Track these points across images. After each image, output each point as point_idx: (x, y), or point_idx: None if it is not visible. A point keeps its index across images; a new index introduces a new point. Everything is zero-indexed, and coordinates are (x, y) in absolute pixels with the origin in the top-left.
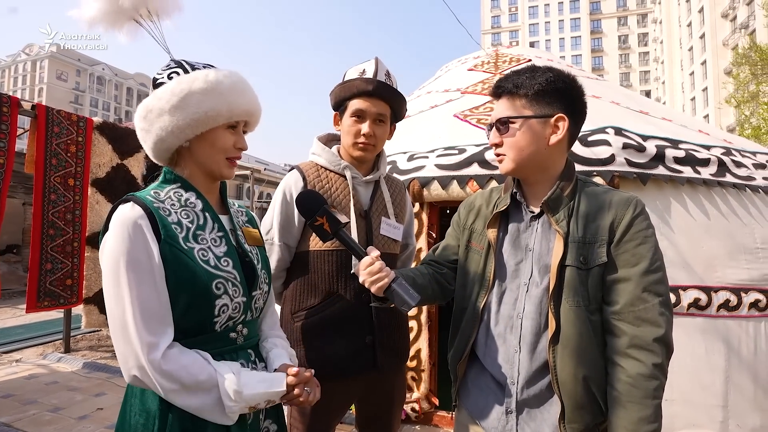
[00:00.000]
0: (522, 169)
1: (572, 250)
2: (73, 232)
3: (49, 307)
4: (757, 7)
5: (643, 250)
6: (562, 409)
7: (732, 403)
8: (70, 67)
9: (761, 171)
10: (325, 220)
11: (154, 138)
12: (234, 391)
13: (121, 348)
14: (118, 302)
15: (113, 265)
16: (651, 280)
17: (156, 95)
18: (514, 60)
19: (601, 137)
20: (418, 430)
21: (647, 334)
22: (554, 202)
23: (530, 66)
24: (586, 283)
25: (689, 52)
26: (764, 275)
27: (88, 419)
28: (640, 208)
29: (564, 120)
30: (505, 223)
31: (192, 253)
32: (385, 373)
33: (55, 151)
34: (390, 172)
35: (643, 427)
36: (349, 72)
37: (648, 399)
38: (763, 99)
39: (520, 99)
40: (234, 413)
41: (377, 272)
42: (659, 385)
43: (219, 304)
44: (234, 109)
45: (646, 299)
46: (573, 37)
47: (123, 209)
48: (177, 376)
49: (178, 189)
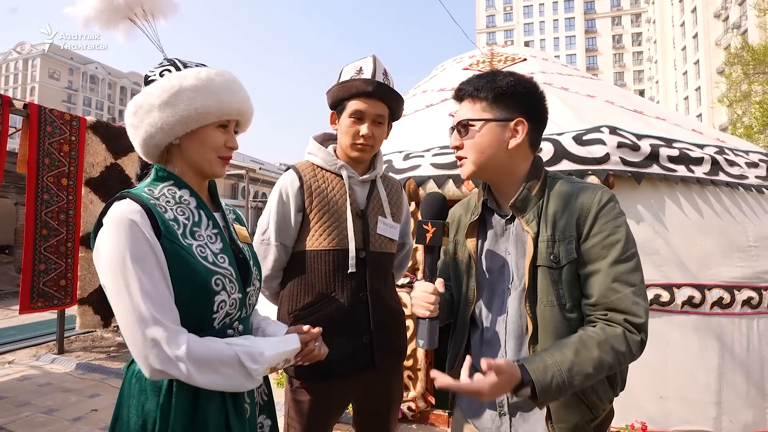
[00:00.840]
0: (483, 172)
1: (542, 249)
2: (66, 232)
3: (42, 308)
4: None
5: (611, 240)
6: (548, 409)
7: (725, 399)
8: (62, 65)
9: (754, 170)
10: (433, 232)
11: (143, 134)
12: (258, 353)
13: (140, 343)
14: (130, 298)
15: (117, 262)
16: (622, 269)
17: (146, 91)
18: (509, 59)
19: (595, 136)
20: (415, 429)
21: (622, 322)
22: (522, 202)
23: (493, 70)
24: (559, 282)
25: (682, 51)
26: (757, 273)
27: (83, 420)
28: (606, 198)
29: (523, 124)
30: (483, 231)
31: (191, 249)
32: (383, 372)
33: (48, 151)
34: (386, 171)
35: (553, 369)
36: (346, 69)
37: (585, 353)
38: (755, 98)
39: (480, 102)
40: (259, 375)
41: (431, 302)
42: (613, 363)
43: (218, 300)
44: (225, 107)
45: (617, 290)
46: (568, 37)
47: (120, 206)
48: (207, 358)
49: (172, 186)
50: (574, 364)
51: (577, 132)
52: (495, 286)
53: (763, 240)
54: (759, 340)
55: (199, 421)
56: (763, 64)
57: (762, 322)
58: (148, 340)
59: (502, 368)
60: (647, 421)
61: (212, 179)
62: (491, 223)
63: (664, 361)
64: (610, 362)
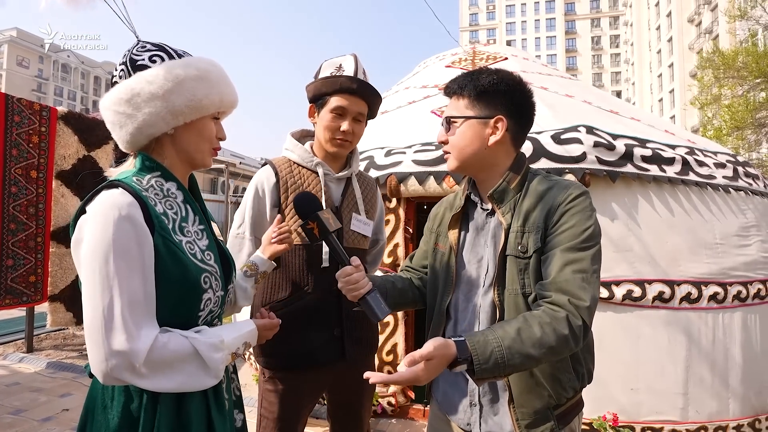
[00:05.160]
0: (466, 167)
1: (512, 239)
2: (36, 226)
3: (10, 305)
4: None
5: (576, 231)
6: (510, 393)
7: (692, 390)
8: (32, 53)
9: (721, 170)
10: (316, 225)
11: (140, 123)
12: (218, 340)
13: (101, 350)
14: (102, 299)
15: (100, 257)
16: (577, 256)
17: (145, 79)
18: (491, 57)
19: (573, 135)
20: (394, 423)
21: (561, 301)
22: (500, 194)
23: (479, 68)
24: (525, 271)
25: (658, 54)
26: (723, 269)
27: (53, 421)
28: (577, 192)
29: (502, 121)
30: (466, 224)
31: (181, 245)
32: (353, 363)
33: (15, 142)
34: (368, 167)
35: (493, 345)
36: (325, 65)
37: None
38: (725, 102)
39: (463, 99)
40: (220, 365)
41: (354, 282)
42: (543, 343)
43: (204, 298)
44: (224, 98)
45: (567, 273)
46: (548, 37)
47: (110, 195)
48: (163, 361)
49: (159, 178)
50: (514, 341)
51: (555, 131)
52: (472, 277)
53: (728, 238)
54: (723, 334)
55: (184, 418)
56: (732, 68)
57: (726, 317)
58: (111, 350)
59: (430, 355)
60: (619, 412)
61: (192, 173)
62: (473, 216)
63: (635, 354)
64: (551, 344)
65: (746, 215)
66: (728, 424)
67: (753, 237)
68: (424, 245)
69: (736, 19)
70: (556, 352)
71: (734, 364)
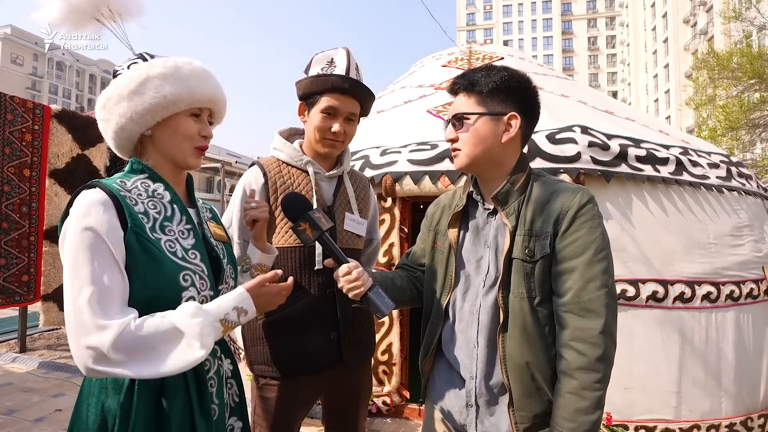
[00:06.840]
0: (476, 165)
1: (518, 243)
2: (29, 225)
3: (2, 305)
4: (716, 15)
5: (587, 241)
6: (510, 397)
7: (685, 389)
8: (26, 50)
9: (715, 170)
10: (308, 226)
11: (114, 126)
12: (194, 307)
13: (72, 335)
14: (73, 289)
15: (73, 251)
16: (596, 270)
17: (114, 83)
18: (488, 57)
19: (568, 135)
20: (390, 422)
21: (590, 326)
22: (504, 195)
23: (487, 65)
24: (531, 275)
25: (653, 55)
26: (716, 269)
27: (46, 421)
28: (586, 198)
29: (516, 118)
30: (465, 223)
31: (159, 243)
32: (351, 367)
33: (8, 140)
34: (363, 166)
35: (581, 417)
36: (316, 59)
37: (587, 390)
38: (719, 102)
39: (475, 96)
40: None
41: (354, 280)
42: (601, 378)
43: (186, 297)
44: (195, 94)
45: (590, 290)
46: (545, 37)
47: (87, 194)
48: (142, 344)
49: (146, 179)
50: (578, 411)
51: (550, 131)
52: (472, 277)
53: (721, 237)
54: (716, 333)
55: (162, 419)
56: (727, 69)
57: (719, 316)
58: (81, 341)
59: None
60: (613, 411)
61: (189, 174)
62: (474, 215)
63: (629, 353)
64: (601, 384)
65: (739, 215)
66: (721, 423)
67: (746, 237)
68: (422, 243)
69: (730, 21)
70: (609, 373)
71: (727, 363)
